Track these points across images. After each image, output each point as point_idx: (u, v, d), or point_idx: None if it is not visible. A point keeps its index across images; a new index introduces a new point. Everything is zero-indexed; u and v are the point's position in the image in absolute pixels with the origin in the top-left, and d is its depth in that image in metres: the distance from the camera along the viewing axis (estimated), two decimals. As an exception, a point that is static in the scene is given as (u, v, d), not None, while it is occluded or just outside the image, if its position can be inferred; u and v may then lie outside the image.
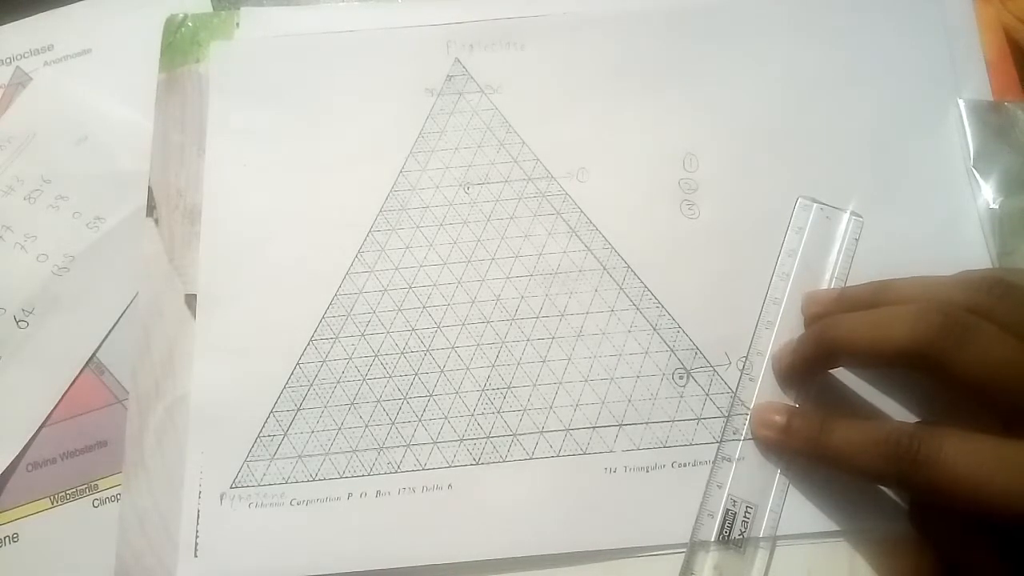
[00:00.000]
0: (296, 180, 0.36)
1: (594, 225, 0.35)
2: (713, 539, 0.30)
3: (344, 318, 0.34)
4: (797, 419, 0.30)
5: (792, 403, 0.31)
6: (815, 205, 0.35)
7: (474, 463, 0.31)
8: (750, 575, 0.29)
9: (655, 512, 0.31)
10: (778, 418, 0.30)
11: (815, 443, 0.29)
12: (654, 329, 0.33)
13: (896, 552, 0.30)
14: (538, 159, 0.36)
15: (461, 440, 0.32)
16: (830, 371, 0.31)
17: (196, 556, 0.30)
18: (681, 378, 0.32)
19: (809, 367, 0.31)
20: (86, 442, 0.33)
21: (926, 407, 0.31)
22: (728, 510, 0.30)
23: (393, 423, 0.32)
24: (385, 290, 0.34)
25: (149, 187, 0.36)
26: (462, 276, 0.34)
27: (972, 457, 0.24)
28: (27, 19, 0.41)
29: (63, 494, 0.32)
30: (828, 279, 0.33)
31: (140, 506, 0.31)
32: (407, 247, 0.35)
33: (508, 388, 0.32)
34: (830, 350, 0.29)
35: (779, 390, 0.32)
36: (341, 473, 0.31)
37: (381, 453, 0.32)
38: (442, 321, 0.34)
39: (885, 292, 0.29)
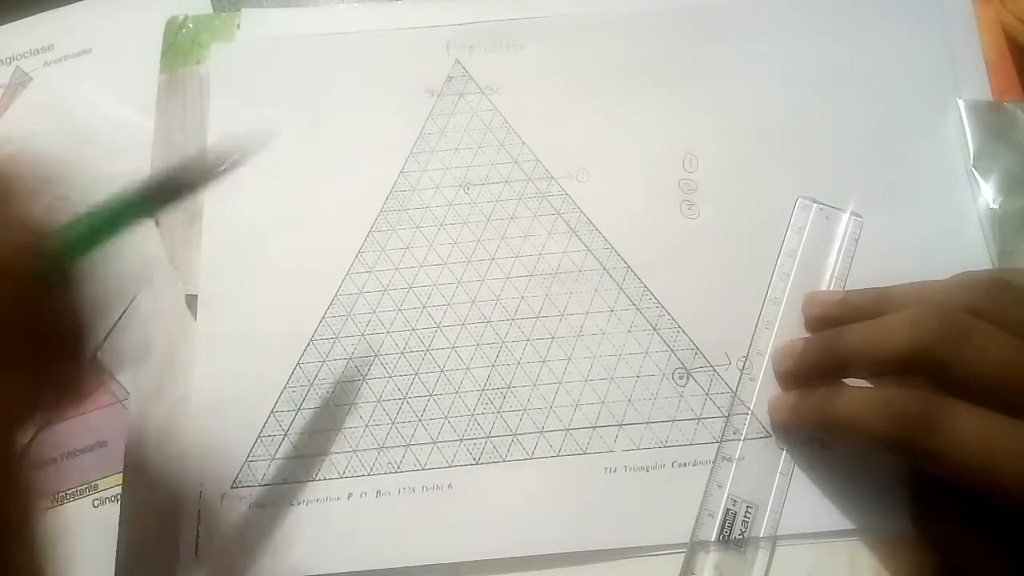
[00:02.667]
0: (297, 181, 0.36)
1: (594, 225, 0.35)
2: (713, 539, 0.30)
3: (344, 318, 0.34)
4: (806, 394, 0.30)
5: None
6: (815, 205, 0.35)
7: (474, 463, 0.31)
8: (751, 575, 0.29)
9: (655, 512, 0.30)
10: (788, 399, 0.31)
11: (822, 411, 0.29)
12: (654, 329, 0.33)
13: (897, 552, 0.30)
14: (538, 159, 0.36)
15: (461, 440, 0.32)
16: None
17: (196, 556, 0.30)
18: (681, 378, 0.32)
19: (818, 377, 0.31)
20: (86, 442, 0.33)
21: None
22: (728, 510, 0.30)
23: (393, 423, 0.32)
24: (385, 290, 0.34)
25: (150, 187, 0.36)
26: (462, 276, 0.34)
27: (985, 435, 0.24)
28: (27, 19, 0.41)
29: (63, 494, 0.32)
30: (828, 279, 0.33)
31: (140, 506, 0.31)
32: (407, 247, 0.35)
33: (508, 388, 0.32)
34: (838, 362, 0.29)
35: (779, 390, 0.32)
36: (341, 473, 0.31)
37: (381, 453, 0.32)
38: (442, 321, 0.34)
39: (886, 299, 0.29)
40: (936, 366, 0.25)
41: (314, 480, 0.31)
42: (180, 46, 0.39)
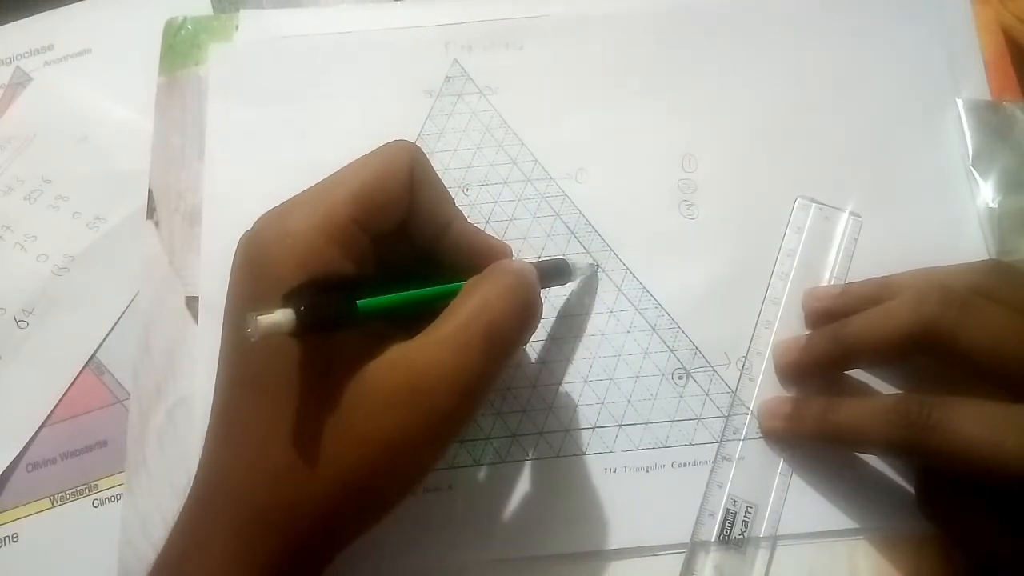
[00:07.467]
0: (296, 182, 0.36)
1: (592, 227, 0.35)
2: (713, 539, 0.30)
3: (344, 319, 0.34)
4: (803, 404, 0.30)
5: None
6: (814, 205, 0.35)
7: (474, 463, 0.31)
8: (751, 575, 0.30)
9: (655, 512, 0.31)
10: (784, 407, 0.30)
11: (823, 422, 0.29)
12: (653, 329, 0.33)
13: (897, 551, 0.30)
14: (537, 160, 0.36)
15: (461, 441, 0.32)
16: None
17: (196, 556, 0.30)
18: (681, 378, 0.33)
19: (823, 369, 0.31)
20: (86, 442, 0.33)
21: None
22: (728, 510, 0.30)
23: (393, 423, 0.32)
24: (385, 290, 0.34)
25: (149, 189, 0.36)
26: (462, 277, 0.34)
27: (984, 420, 0.24)
28: (27, 19, 0.41)
29: (63, 494, 0.32)
30: (827, 279, 0.33)
31: (142, 507, 0.31)
32: (407, 248, 0.35)
33: (507, 389, 0.32)
34: (845, 351, 0.29)
35: (779, 389, 0.32)
36: (341, 473, 0.31)
37: (381, 453, 0.32)
38: (442, 321, 0.33)
39: (887, 287, 0.30)
40: (942, 340, 0.26)
41: (314, 480, 0.31)
42: (179, 48, 0.39)
